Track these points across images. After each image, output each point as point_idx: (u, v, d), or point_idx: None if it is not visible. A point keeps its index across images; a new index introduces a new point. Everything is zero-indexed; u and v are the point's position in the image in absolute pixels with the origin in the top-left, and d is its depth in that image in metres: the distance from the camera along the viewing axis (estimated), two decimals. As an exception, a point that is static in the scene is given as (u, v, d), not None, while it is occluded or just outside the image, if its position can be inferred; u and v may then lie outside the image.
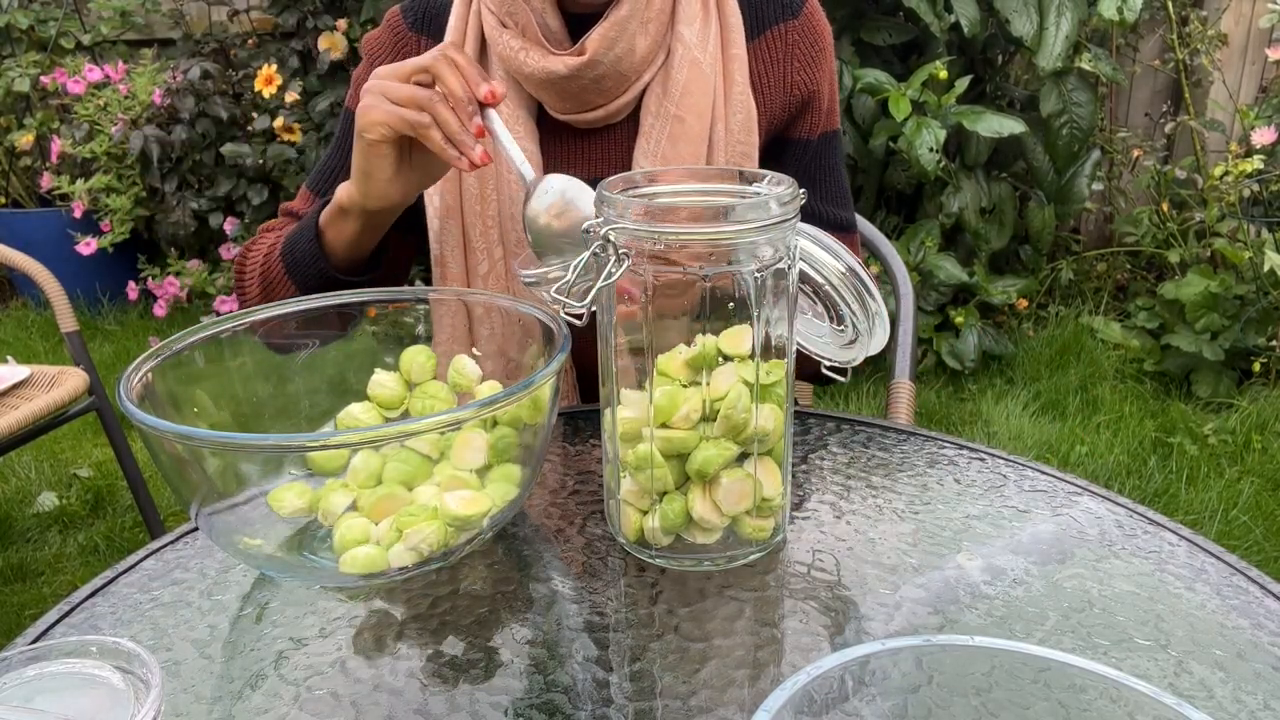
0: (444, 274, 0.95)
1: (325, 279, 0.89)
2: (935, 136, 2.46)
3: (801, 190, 0.59)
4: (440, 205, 0.93)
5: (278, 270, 0.93)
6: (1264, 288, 2.55)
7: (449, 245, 0.94)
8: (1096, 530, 0.67)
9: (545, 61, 0.87)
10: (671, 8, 0.91)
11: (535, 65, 0.87)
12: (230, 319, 0.69)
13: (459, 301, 0.84)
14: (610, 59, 0.86)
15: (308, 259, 0.90)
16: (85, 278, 3.38)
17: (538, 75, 0.87)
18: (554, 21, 0.87)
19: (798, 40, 0.95)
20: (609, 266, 0.57)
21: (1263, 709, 0.50)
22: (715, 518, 0.61)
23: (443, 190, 0.92)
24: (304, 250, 0.91)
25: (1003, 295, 2.82)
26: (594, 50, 0.85)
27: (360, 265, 0.91)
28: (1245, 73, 3.12)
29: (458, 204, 0.93)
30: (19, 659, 0.48)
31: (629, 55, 0.87)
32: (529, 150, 0.91)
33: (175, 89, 3.13)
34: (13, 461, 2.41)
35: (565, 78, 0.87)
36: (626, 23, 0.86)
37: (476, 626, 0.58)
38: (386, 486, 0.62)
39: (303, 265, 0.90)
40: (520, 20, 0.87)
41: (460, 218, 0.93)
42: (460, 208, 0.93)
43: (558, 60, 0.86)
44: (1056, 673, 0.41)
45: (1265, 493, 2.15)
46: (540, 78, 0.87)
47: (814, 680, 0.39)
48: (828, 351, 0.73)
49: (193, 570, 0.65)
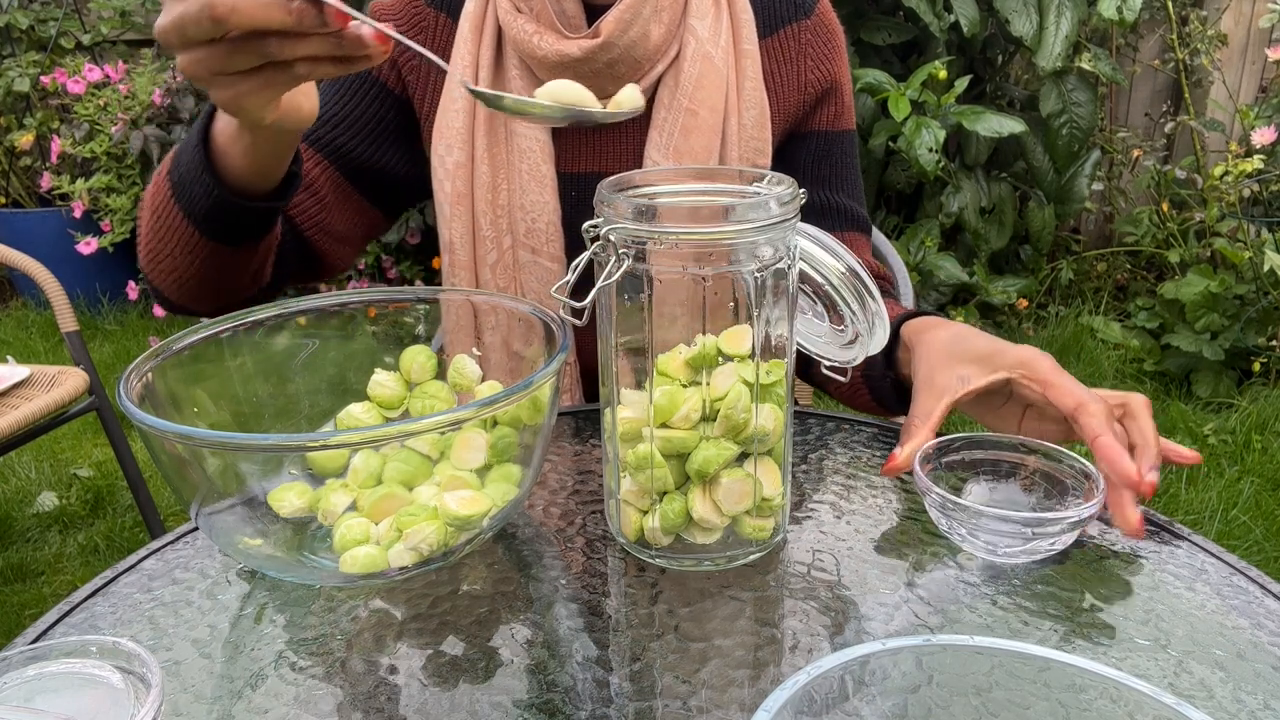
0: (453, 261, 0.95)
1: (213, 202, 0.76)
2: (935, 136, 2.46)
3: (802, 190, 0.59)
4: (451, 191, 0.92)
5: (165, 193, 0.79)
6: (1264, 288, 2.55)
7: (458, 232, 0.93)
8: (1096, 530, 0.67)
9: (559, 44, 0.87)
10: (684, 1, 0.91)
11: (549, 48, 0.87)
12: (230, 319, 0.69)
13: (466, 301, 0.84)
14: (625, 42, 0.87)
15: (194, 172, 0.75)
16: (85, 278, 3.38)
17: (551, 58, 0.87)
18: (570, 5, 0.88)
19: (811, 39, 0.96)
20: (609, 266, 0.57)
21: (1263, 709, 0.50)
22: (715, 518, 0.61)
23: (454, 177, 0.92)
24: (190, 162, 0.76)
25: (1003, 295, 2.82)
26: (609, 33, 0.86)
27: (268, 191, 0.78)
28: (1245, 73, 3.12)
29: (468, 191, 0.92)
30: (19, 659, 0.48)
31: (643, 40, 0.88)
32: (541, 140, 0.91)
33: (175, 89, 3.13)
34: (13, 461, 2.40)
35: (579, 60, 0.87)
36: (640, 7, 0.86)
37: (476, 626, 0.58)
38: (386, 486, 0.62)
39: (189, 182, 0.76)
40: (535, 4, 0.88)
41: (470, 205, 0.93)
42: (471, 194, 0.92)
43: (572, 43, 0.86)
44: (1056, 673, 0.41)
45: (1265, 493, 2.15)
46: (554, 60, 0.87)
47: (814, 680, 0.39)
48: (828, 351, 0.73)
49: (193, 570, 0.65)
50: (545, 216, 0.91)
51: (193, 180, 0.76)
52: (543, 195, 0.90)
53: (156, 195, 0.81)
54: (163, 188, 0.80)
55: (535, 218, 0.91)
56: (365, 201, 0.96)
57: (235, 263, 0.83)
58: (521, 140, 0.90)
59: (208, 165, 0.75)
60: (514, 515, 0.69)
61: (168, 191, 0.79)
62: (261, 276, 0.88)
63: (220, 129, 0.74)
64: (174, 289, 0.86)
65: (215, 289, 0.86)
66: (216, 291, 0.86)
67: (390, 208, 1.00)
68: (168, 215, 0.79)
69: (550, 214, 0.91)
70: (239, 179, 0.76)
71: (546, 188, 0.91)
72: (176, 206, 0.78)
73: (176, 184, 0.77)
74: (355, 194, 0.95)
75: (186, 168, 0.76)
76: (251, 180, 0.76)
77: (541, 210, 0.91)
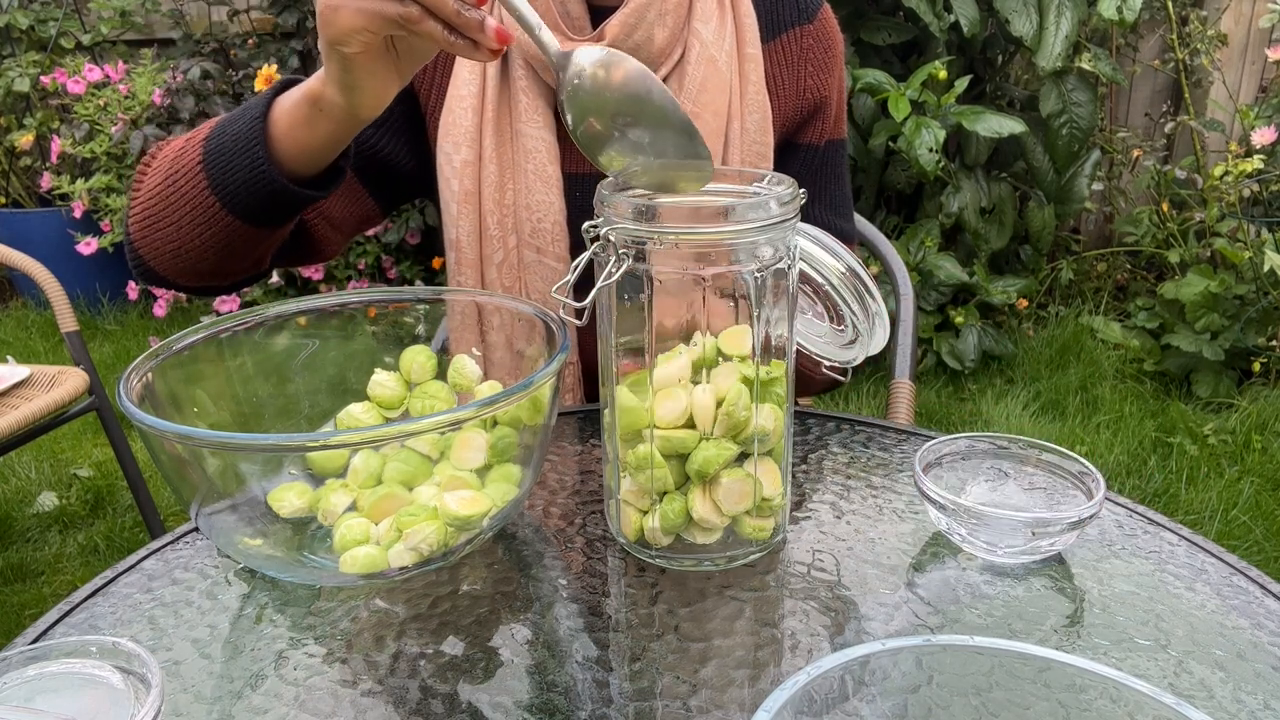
0: (459, 259, 0.95)
1: (256, 178, 0.74)
2: (935, 136, 2.46)
3: (802, 190, 0.59)
4: (458, 189, 0.92)
5: (191, 159, 0.77)
6: (1264, 288, 2.55)
7: (464, 230, 0.93)
8: (1096, 530, 0.67)
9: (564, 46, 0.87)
10: (688, 4, 0.92)
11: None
12: (230, 319, 0.69)
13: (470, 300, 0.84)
14: (629, 45, 0.87)
15: (241, 144, 0.73)
16: (85, 278, 3.38)
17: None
18: (575, 8, 0.88)
19: (812, 45, 0.97)
20: (609, 266, 0.57)
21: (1263, 709, 0.50)
22: (715, 518, 0.61)
23: (461, 175, 0.92)
24: (239, 133, 0.74)
25: (1003, 295, 2.82)
26: (613, 35, 0.86)
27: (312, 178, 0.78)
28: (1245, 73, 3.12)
29: (476, 189, 0.92)
30: (19, 659, 0.48)
31: (647, 44, 0.88)
32: (546, 140, 0.91)
33: (175, 89, 3.13)
34: (13, 461, 2.40)
35: None
36: (645, 11, 0.87)
37: (476, 626, 0.58)
38: (386, 486, 0.62)
39: (229, 153, 0.74)
40: (540, 7, 0.88)
41: (478, 203, 0.92)
42: (479, 193, 0.92)
43: (576, 45, 0.86)
44: (1056, 673, 0.41)
45: (1265, 493, 2.15)
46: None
47: (814, 680, 0.39)
48: (828, 351, 0.73)
49: (193, 570, 0.65)
50: (550, 216, 0.91)
51: (238, 151, 0.73)
52: (548, 195, 0.91)
53: (179, 160, 0.78)
54: (191, 154, 0.77)
55: (540, 217, 0.91)
56: (365, 191, 0.96)
57: (248, 244, 0.81)
58: (527, 140, 0.91)
59: (264, 139, 0.73)
60: (514, 515, 0.69)
61: (197, 159, 0.76)
62: (263, 260, 0.87)
63: (286, 109, 0.73)
64: (166, 259, 0.82)
65: (215, 267, 0.83)
66: (214, 270, 0.83)
67: (389, 201, 1.00)
68: (187, 183, 0.77)
69: (555, 214, 0.91)
70: (291, 162, 0.75)
71: (552, 188, 0.91)
72: (203, 175, 0.76)
73: (212, 152, 0.75)
74: (357, 183, 0.95)
75: (234, 139, 0.74)
76: (303, 165, 0.75)
77: (547, 210, 0.91)
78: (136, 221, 0.82)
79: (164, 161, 0.81)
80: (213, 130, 0.77)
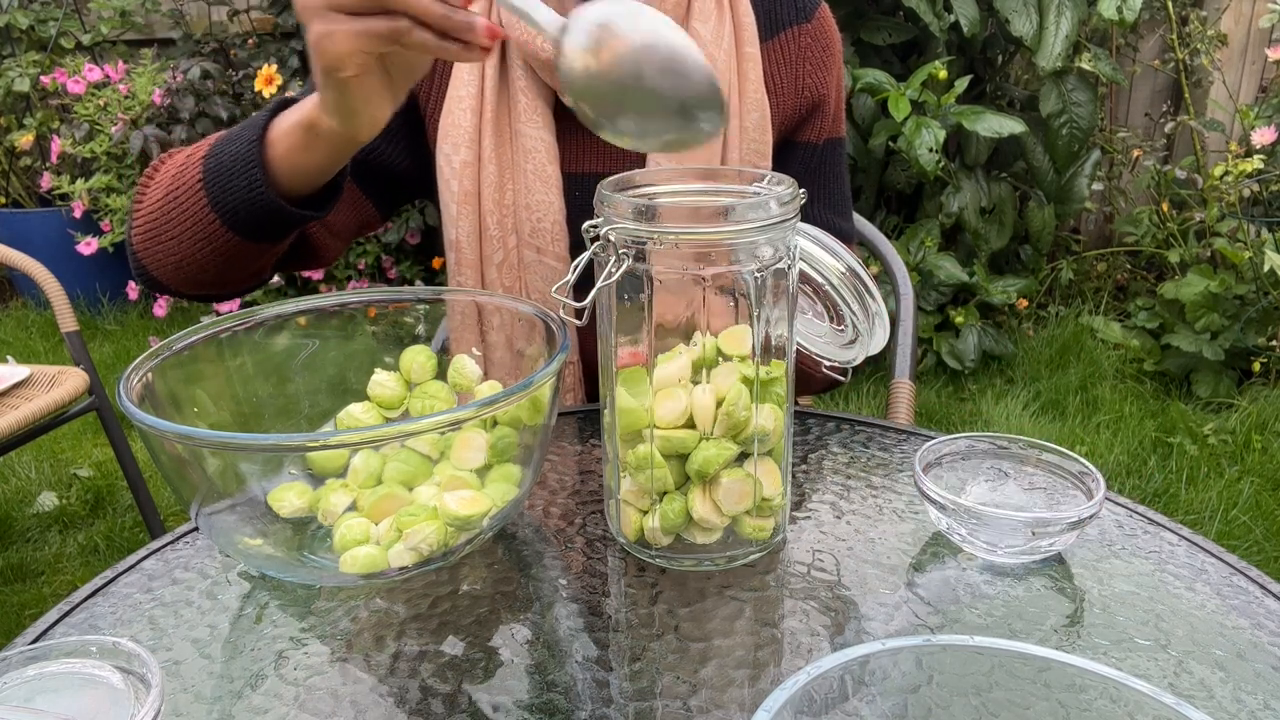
0: (459, 259, 0.95)
1: (254, 199, 0.74)
2: (935, 136, 2.46)
3: (802, 190, 0.59)
4: (458, 190, 0.92)
5: (192, 176, 0.77)
6: (1264, 288, 2.55)
7: (464, 231, 0.93)
8: (1096, 530, 0.67)
9: None
10: (686, 4, 0.92)
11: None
12: (230, 319, 0.69)
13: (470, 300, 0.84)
14: None
15: (239, 166, 0.73)
16: (85, 278, 3.38)
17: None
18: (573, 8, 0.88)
19: (810, 44, 0.96)
20: (609, 266, 0.57)
21: (1263, 709, 0.50)
22: (715, 518, 0.61)
23: (461, 176, 0.92)
24: (237, 154, 0.74)
25: (1003, 295, 2.82)
26: None
27: (309, 198, 0.78)
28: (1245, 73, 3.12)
29: (475, 190, 0.92)
30: (19, 659, 0.48)
31: None
32: (546, 140, 0.91)
33: (175, 89, 3.13)
34: (13, 461, 2.41)
35: None
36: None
37: (476, 626, 0.58)
38: (386, 486, 0.62)
39: (227, 173, 0.74)
40: None
41: (478, 204, 0.92)
42: (478, 193, 0.92)
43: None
44: (1056, 673, 0.41)
45: (1265, 493, 2.15)
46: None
47: (814, 680, 0.39)
48: (828, 351, 0.73)
49: (193, 570, 0.65)
50: (550, 216, 0.91)
51: (236, 173, 0.74)
52: (548, 195, 0.91)
53: (180, 176, 0.79)
54: (191, 171, 0.78)
55: (540, 217, 0.91)
56: (365, 197, 0.96)
57: (248, 257, 0.82)
58: (527, 140, 0.91)
59: (260, 162, 0.74)
60: (514, 515, 0.69)
61: (197, 176, 0.77)
62: (263, 271, 0.87)
63: (284, 132, 0.73)
64: (168, 270, 0.84)
65: (216, 277, 0.84)
66: (216, 280, 0.85)
67: (388, 205, 1.00)
68: (187, 199, 0.78)
69: (555, 214, 0.91)
70: (289, 182, 0.76)
71: (551, 188, 0.91)
72: (203, 193, 0.76)
73: (211, 171, 0.76)
74: (356, 189, 0.95)
75: (232, 159, 0.75)
76: (299, 185, 0.76)
77: (546, 210, 0.91)
78: (140, 234, 0.83)
79: (166, 176, 0.82)
80: (211, 149, 0.78)
